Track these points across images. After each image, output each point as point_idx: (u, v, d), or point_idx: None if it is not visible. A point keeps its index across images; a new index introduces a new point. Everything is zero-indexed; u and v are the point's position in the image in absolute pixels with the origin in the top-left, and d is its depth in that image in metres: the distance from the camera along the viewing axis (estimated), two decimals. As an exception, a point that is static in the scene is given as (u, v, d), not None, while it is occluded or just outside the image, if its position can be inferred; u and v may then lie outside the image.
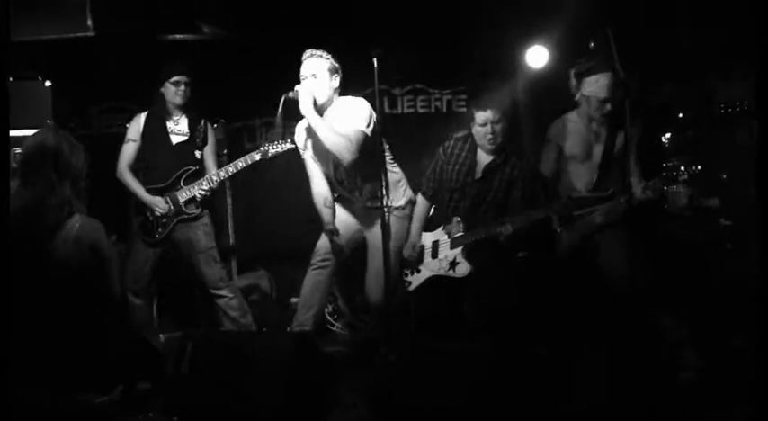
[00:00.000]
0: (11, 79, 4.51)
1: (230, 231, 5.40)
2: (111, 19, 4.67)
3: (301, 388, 3.16)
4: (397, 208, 4.10)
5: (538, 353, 3.66)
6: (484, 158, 4.10)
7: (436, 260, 4.17)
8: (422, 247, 4.24)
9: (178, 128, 4.55)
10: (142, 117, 4.57)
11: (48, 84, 4.65)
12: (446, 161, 4.18)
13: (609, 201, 3.85)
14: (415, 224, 4.26)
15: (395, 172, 4.13)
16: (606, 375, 3.43)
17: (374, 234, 4.05)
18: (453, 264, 4.09)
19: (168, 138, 4.53)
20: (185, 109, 4.55)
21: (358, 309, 5.11)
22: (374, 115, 3.83)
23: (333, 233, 4.05)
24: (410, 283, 4.25)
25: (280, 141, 4.25)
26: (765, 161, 2.73)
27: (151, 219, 4.47)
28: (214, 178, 4.44)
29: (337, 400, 3.47)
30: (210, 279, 4.49)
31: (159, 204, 4.44)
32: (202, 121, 4.56)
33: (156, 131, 4.54)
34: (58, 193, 2.83)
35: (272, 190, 5.56)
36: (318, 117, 3.78)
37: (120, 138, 4.64)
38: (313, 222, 4.23)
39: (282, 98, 3.77)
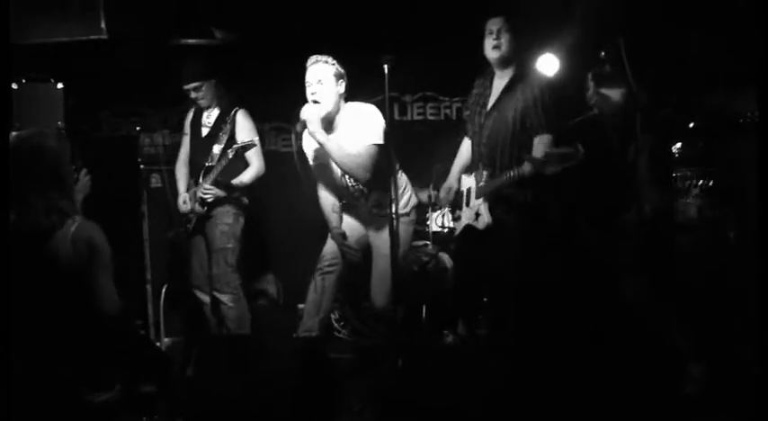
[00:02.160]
0: (23, 81, 4.54)
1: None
2: (124, 22, 4.69)
3: (308, 393, 3.16)
4: (402, 214, 4.06)
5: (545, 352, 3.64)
6: (496, 90, 3.91)
7: (468, 208, 4.06)
8: (461, 193, 4.12)
9: (209, 120, 4.54)
10: (192, 109, 4.60)
11: (60, 86, 4.67)
12: (471, 103, 4.06)
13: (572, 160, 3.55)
14: (455, 165, 4.19)
15: (400, 178, 4.11)
16: (612, 384, 3.41)
17: (379, 239, 4.03)
18: (477, 215, 3.95)
19: (200, 132, 4.54)
20: (218, 102, 4.51)
21: (365, 316, 5.10)
22: (384, 123, 3.83)
23: (342, 236, 4.03)
24: (455, 230, 4.19)
25: (244, 140, 4.27)
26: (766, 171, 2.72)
27: (181, 212, 4.51)
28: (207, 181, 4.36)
29: (344, 407, 3.46)
30: (215, 280, 4.45)
31: (180, 200, 4.47)
32: (232, 112, 4.44)
33: (194, 124, 4.58)
34: (49, 208, 2.76)
35: (279, 195, 5.56)
36: (330, 140, 3.75)
37: (131, 141, 4.65)
38: (320, 228, 4.23)
39: (292, 133, 3.81)
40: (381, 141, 3.78)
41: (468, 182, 4.11)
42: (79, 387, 2.73)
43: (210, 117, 4.53)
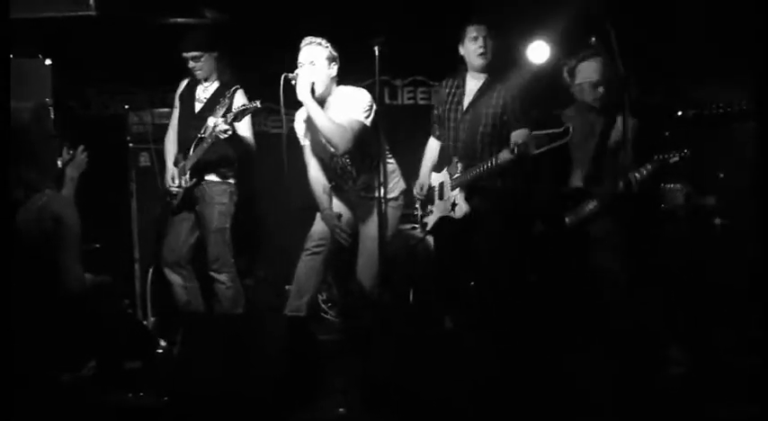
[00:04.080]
0: (11, 57, 4.50)
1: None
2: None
3: (293, 372, 3.17)
4: (390, 199, 4.05)
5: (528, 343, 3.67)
6: (470, 90, 4.05)
7: (443, 201, 4.17)
8: (432, 188, 4.25)
9: (205, 95, 4.46)
10: (185, 82, 4.53)
11: (48, 62, 4.63)
12: (440, 102, 4.18)
13: (562, 139, 3.62)
14: (425, 164, 4.30)
15: (390, 162, 4.12)
16: (596, 368, 3.44)
17: (366, 223, 4.04)
18: (453, 205, 4.05)
19: (193, 105, 4.47)
20: (218, 76, 4.44)
21: (352, 298, 5.11)
22: (374, 106, 3.83)
23: (337, 217, 4.04)
24: (426, 224, 4.30)
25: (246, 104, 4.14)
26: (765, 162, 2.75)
27: (169, 187, 4.46)
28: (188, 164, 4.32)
29: (329, 387, 3.48)
30: (212, 259, 4.41)
31: (168, 176, 4.42)
32: (232, 89, 4.32)
33: (186, 97, 4.51)
34: (22, 182, 2.74)
35: (267, 177, 5.55)
36: (315, 104, 3.77)
37: (120, 120, 4.62)
38: (307, 209, 4.22)
39: (282, 78, 3.74)
40: (365, 120, 3.81)
41: (439, 177, 4.22)
42: (45, 365, 2.68)
43: (207, 91, 4.46)
